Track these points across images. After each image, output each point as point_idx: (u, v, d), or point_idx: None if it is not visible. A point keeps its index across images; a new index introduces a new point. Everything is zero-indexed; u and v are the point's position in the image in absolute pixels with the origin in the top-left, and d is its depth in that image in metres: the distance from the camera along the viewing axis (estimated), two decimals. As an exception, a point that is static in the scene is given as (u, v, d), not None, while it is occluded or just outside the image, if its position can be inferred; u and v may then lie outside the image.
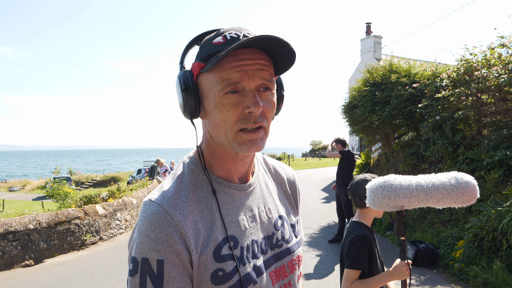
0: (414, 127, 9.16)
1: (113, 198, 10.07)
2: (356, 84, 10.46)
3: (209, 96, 0.89)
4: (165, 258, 0.82)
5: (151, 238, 0.82)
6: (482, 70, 6.37)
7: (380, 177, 1.62)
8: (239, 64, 0.84)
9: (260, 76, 0.86)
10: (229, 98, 0.85)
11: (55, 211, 7.49)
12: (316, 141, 54.09)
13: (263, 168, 1.13)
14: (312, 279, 5.23)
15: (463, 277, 5.00)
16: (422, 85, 8.18)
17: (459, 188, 1.39)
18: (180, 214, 0.85)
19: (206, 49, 0.88)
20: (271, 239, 1.00)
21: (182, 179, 0.93)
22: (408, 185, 1.47)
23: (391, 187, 1.48)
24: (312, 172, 24.32)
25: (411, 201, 1.45)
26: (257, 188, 1.04)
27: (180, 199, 0.89)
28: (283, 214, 1.08)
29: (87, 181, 36.43)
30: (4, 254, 6.00)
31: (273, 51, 0.88)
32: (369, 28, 18.17)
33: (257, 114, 0.87)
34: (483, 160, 6.05)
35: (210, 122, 0.91)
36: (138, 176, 25.64)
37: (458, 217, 6.40)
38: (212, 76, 0.87)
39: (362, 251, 2.02)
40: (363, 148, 14.55)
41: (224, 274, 0.86)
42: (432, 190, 1.43)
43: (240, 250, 0.91)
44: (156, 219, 0.84)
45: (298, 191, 1.22)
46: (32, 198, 25.63)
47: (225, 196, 0.95)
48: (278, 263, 0.99)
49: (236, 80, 0.84)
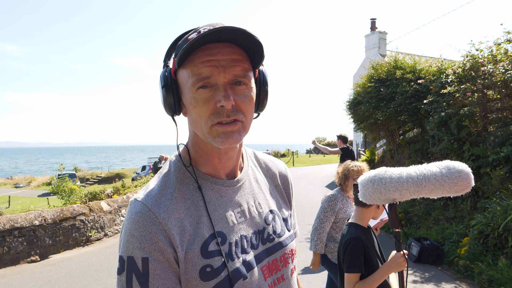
0: (419, 123, 9.11)
1: (118, 194, 10.12)
2: (361, 80, 10.41)
3: (185, 92, 0.89)
4: (149, 256, 0.82)
5: (135, 237, 0.83)
6: (488, 66, 6.31)
7: (371, 170, 1.59)
8: (209, 59, 0.84)
9: (231, 70, 0.86)
10: (202, 93, 0.85)
11: (60, 207, 7.54)
12: (320, 138, 54.01)
13: (253, 163, 1.12)
14: (315, 275, 5.23)
15: (468, 274, 4.98)
16: (427, 81, 8.13)
17: (451, 178, 1.35)
18: (164, 212, 0.86)
19: (181, 45, 0.89)
20: (262, 233, 1.00)
21: (168, 177, 0.94)
22: (398, 177, 1.44)
23: (381, 181, 1.45)
24: (316, 168, 24.29)
25: (402, 193, 1.43)
26: (246, 183, 1.04)
27: (165, 197, 0.89)
28: (274, 208, 1.07)
29: (92, 178, 36.63)
30: (10, 250, 6.04)
31: (244, 44, 0.87)
32: (374, 24, 18.06)
33: (228, 108, 0.85)
34: (488, 156, 6.01)
35: (189, 118, 0.92)
36: (143, 173, 25.74)
37: (463, 214, 6.37)
38: (185, 72, 0.87)
39: (356, 254, 2.00)
40: (367, 144, 14.50)
41: (212, 270, 0.86)
42: (423, 181, 1.39)
43: (228, 246, 0.91)
44: (140, 217, 0.84)
45: (290, 185, 1.20)
46: (37, 195, 25.82)
47: (212, 192, 0.95)
48: (270, 257, 0.99)
49: (206, 75, 0.84)
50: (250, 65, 0.90)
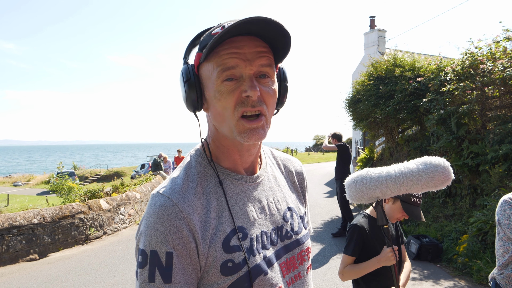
0: (418, 121, 9.10)
1: (117, 192, 10.11)
2: (360, 78, 10.38)
3: (208, 85, 0.89)
4: (173, 250, 0.82)
5: (159, 231, 0.83)
6: (487, 64, 6.31)
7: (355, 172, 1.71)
8: (236, 51, 0.84)
9: (257, 62, 0.86)
10: (227, 85, 0.85)
11: (59, 205, 7.52)
12: (319, 136, 53.98)
13: (270, 161, 1.13)
14: (316, 272, 5.24)
15: (467, 271, 4.99)
16: (426, 79, 8.12)
17: (427, 172, 1.40)
18: (188, 207, 0.86)
19: (205, 40, 0.89)
20: (281, 230, 1.00)
21: (190, 172, 0.94)
22: (378, 176, 1.51)
23: (362, 181, 1.53)
24: (315, 166, 24.32)
25: (383, 191, 1.49)
26: (265, 179, 1.04)
27: (188, 191, 0.89)
28: (292, 205, 1.08)
29: (91, 176, 36.60)
30: (9, 249, 6.04)
31: (269, 37, 0.87)
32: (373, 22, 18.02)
33: (254, 98, 0.86)
34: (487, 154, 6.01)
35: (213, 113, 0.91)
36: (142, 171, 25.71)
37: (462, 211, 6.38)
38: (210, 65, 0.87)
39: (353, 238, 2.19)
40: (366, 142, 14.50)
41: (233, 265, 0.86)
42: (401, 178, 1.45)
43: (249, 241, 0.91)
44: (165, 211, 0.84)
45: (305, 183, 1.21)
46: (36, 193, 25.79)
47: (233, 187, 0.95)
48: (288, 254, 0.99)
49: (231, 65, 0.84)
50: (273, 59, 0.91)
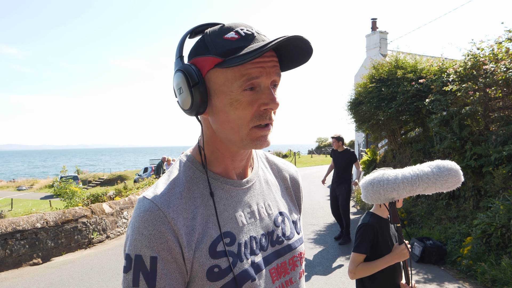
0: (420, 123, 9.08)
1: (120, 196, 10.13)
2: (362, 81, 10.37)
3: (222, 92, 0.87)
4: (158, 255, 0.82)
5: (144, 235, 0.83)
6: (489, 65, 6.29)
7: (370, 174, 1.78)
8: (259, 60, 0.84)
9: (274, 72, 0.87)
10: (247, 95, 0.85)
11: (62, 210, 7.54)
12: (322, 138, 53.94)
13: (263, 164, 1.12)
14: (319, 276, 5.22)
15: (471, 274, 4.96)
16: (428, 80, 8.10)
17: (442, 176, 1.53)
18: (173, 212, 0.85)
19: (220, 44, 0.85)
20: (271, 235, 0.99)
21: (177, 176, 0.93)
22: (394, 179, 1.61)
23: (379, 183, 1.62)
24: (318, 169, 24.27)
25: (399, 193, 1.60)
26: (257, 184, 1.03)
27: (174, 196, 0.88)
28: (284, 210, 1.07)
29: (94, 180, 36.69)
30: (12, 253, 6.05)
31: (284, 49, 0.88)
32: (374, 24, 18.02)
33: (274, 110, 0.88)
34: (491, 155, 5.98)
35: (220, 119, 0.89)
36: (145, 175, 25.77)
37: (465, 213, 6.34)
38: (230, 72, 0.85)
39: (365, 237, 2.20)
40: (369, 144, 14.47)
41: (220, 270, 0.86)
42: (417, 181, 1.57)
43: (237, 247, 0.90)
44: (149, 216, 0.84)
45: (300, 188, 1.20)
46: (40, 197, 25.88)
47: (222, 192, 0.94)
48: (279, 260, 0.98)
49: (256, 75, 0.84)
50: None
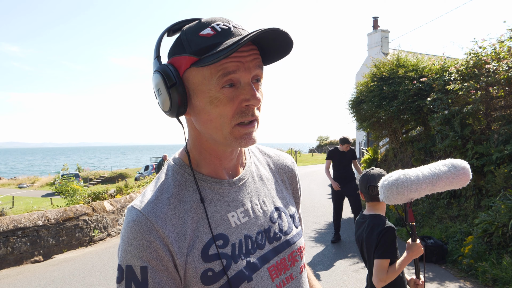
0: (422, 121, 9.06)
1: (121, 194, 10.14)
2: (363, 79, 10.36)
3: (201, 91, 0.84)
4: (148, 264, 0.81)
5: (133, 246, 0.82)
6: (491, 64, 6.27)
7: (389, 174, 1.79)
8: (236, 55, 0.81)
9: (254, 66, 0.84)
10: (226, 92, 0.82)
11: (63, 207, 7.56)
12: (323, 137, 53.94)
13: (256, 159, 1.09)
14: (320, 274, 5.22)
15: (472, 273, 4.95)
16: (430, 79, 8.08)
17: (457, 174, 1.62)
18: (161, 219, 0.84)
19: (195, 42, 0.82)
20: (268, 232, 0.97)
21: (165, 182, 0.91)
22: (417, 179, 1.64)
23: (403, 184, 1.65)
24: (319, 167, 24.25)
25: (420, 192, 1.65)
26: (249, 181, 1.01)
27: (162, 202, 0.86)
28: (280, 205, 1.04)
29: (95, 178, 36.75)
30: (13, 250, 6.06)
31: (264, 42, 0.85)
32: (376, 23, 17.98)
33: (256, 106, 0.85)
34: (492, 154, 5.97)
35: (202, 119, 0.87)
36: (146, 173, 25.78)
37: (467, 212, 6.33)
38: (206, 70, 0.82)
39: (393, 242, 2.15)
40: (370, 143, 14.45)
41: (213, 274, 0.84)
42: (437, 180, 1.63)
43: (231, 248, 0.88)
44: (137, 226, 0.83)
45: (297, 179, 1.17)
46: (41, 195, 25.93)
47: (212, 193, 0.92)
48: (278, 256, 0.96)
49: (232, 69, 0.81)
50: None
